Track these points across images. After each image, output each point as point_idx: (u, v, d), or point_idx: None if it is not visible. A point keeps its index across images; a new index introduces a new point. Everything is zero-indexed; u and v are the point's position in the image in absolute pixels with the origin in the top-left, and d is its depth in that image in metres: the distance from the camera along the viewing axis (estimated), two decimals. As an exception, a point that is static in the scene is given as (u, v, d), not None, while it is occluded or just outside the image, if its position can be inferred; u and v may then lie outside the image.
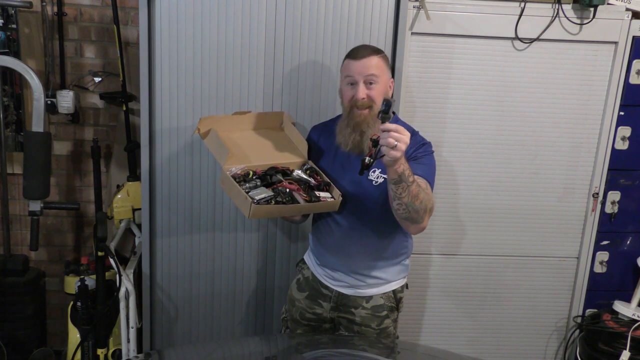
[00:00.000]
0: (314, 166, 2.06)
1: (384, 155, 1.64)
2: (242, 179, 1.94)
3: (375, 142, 1.67)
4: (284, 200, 1.89)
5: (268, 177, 1.96)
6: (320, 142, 2.12)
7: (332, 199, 1.96)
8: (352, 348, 1.99)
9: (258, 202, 1.83)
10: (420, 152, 1.95)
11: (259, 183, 1.93)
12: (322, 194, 1.96)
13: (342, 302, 2.09)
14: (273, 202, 1.87)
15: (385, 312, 2.09)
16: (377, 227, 2.00)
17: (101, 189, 2.86)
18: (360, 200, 1.98)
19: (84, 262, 2.79)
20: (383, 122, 1.64)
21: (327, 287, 2.11)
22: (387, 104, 1.65)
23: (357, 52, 1.95)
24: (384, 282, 2.07)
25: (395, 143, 1.60)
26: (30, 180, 2.44)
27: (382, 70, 1.93)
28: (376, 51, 1.97)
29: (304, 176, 2.00)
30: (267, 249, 2.51)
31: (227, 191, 1.96)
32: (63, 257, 3.05)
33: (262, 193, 1.88)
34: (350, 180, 1.98)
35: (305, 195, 1.93)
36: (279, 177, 1.97)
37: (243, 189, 1.89)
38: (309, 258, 2.19)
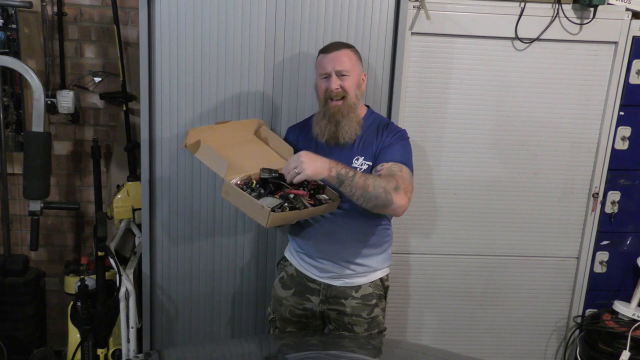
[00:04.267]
0: None
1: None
2: (247, 188, 1.93)
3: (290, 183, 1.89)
4: (297, 206, 1.90)
5: (270, 185, 1.95)
6: (299, 141, 2.17)
7: (331, 201, 2.00)
8: (356, 347, 2.00)
9: (273, 210, 1.83)
10: (395, 138, 2.06)
11: (262, 191, 1.93)
12: (322, 197, 2.00)
13: (332, 294, 2.12)
14: (288, 208, 1.88)
15: (374, 301, 2.14)
16: (363, 213, 2.05)
17: (101, 189, 2.86)
18: None
19: (84, 262, 2.79)
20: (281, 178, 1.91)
21: (314, 281, 2.13)
22: (267, 174, 1.93)
23: (329, 47, 2.07)
24: (371, 269, 2.13)
25: (295, 171, 1.81)
26: (30, 180, 2.44)
27: (353, 63, 2.04)
28: (347, 45, 2.09)
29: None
30: (267, 249, 2.51)
31: (234, 202, 1.93)
32: (63, 257, 3.06)
33: (273, 201, 1.88)
34: None
35: (310, 200, 1.96)
36: (284, 183, 1.97)
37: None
38: (291, 255, 2.21)
